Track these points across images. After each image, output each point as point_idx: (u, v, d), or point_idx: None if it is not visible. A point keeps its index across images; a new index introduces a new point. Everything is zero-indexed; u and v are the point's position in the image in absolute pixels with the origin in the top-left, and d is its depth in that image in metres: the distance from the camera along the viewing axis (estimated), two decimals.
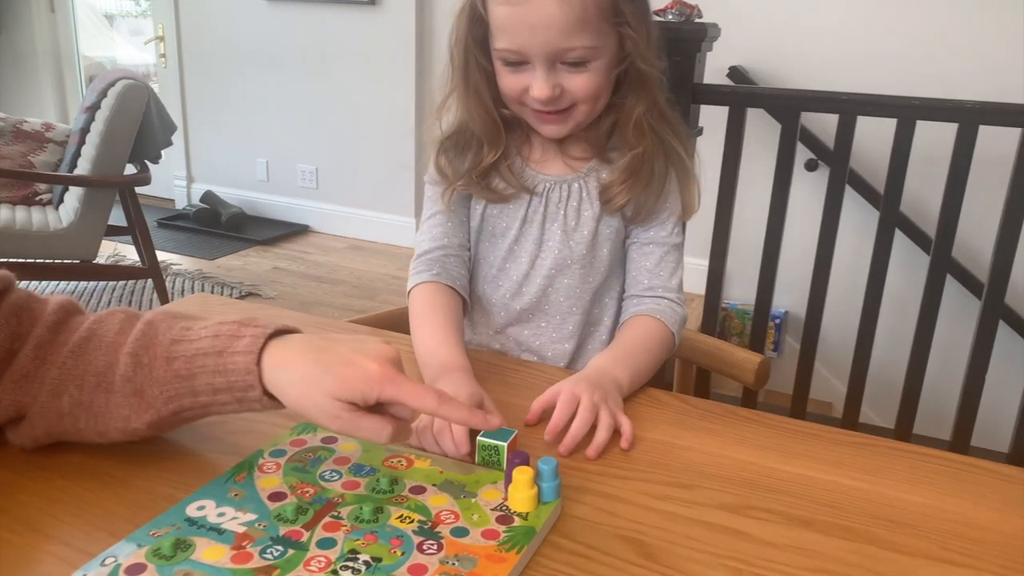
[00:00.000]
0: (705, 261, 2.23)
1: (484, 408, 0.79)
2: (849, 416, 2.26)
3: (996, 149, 2.15)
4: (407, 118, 3.97)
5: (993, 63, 2.87)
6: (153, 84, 3.17)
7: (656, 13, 1.66)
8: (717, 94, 2.22)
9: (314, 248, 4.15)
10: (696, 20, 2.12)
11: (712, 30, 2.10)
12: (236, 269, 3.79)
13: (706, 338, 1.16)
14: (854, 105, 2.10)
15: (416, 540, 0.60)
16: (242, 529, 0.61)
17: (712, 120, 2.18)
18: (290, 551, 0.58)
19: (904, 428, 2.22)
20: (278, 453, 0.72)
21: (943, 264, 2.12)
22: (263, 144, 4.43)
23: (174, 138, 3.25)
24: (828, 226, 2.17)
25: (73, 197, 2.93)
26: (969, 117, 1.99)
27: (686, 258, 1.09)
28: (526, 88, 0.95)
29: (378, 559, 0.58)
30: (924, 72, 2.90)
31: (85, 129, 2.94)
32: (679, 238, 1.05)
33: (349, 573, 0.56)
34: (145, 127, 3.00)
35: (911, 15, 3.01)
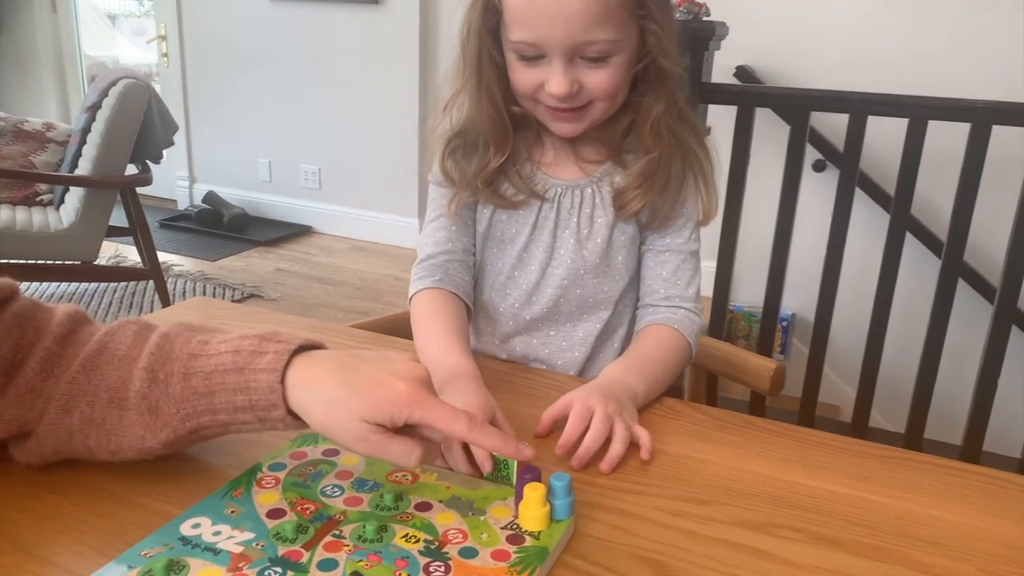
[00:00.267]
0: (712, 263, 2.20)
1: (496, 421, 0.75)
2: (859, 420, 2.23)
3: (1008, 150, 2.11)
4: (411, 118, 3.94)
5: (1005, 64, 2.83)
6: (155, 84, 3.14)
7: None
8: (725, 93, 2.19)
9: (317, 249, 4.12)
10: (704, 18, 2.08)
11: (720, 28, 2.07)
12: (238, 270, 3.76)
13: (720, 344, 1.12)
14: (865, 105, 2.07)
15: (422, 561, 0.57)
16: (239, 549, 0.58)
17: (718, 120, 2.15)
18: (289, 573, 0.55)
19: (915, 433, 2.18)
20: (277, 467, 0.68)
21: (955, 268, 2.08)
22: (265, 144, 4.40)
23: (176, 138, 3.22)
24: (838, 227, 2.14)
25: (74, 197, 2.90)
26: (982, 117, 1.95)
27: None
28: (541, 84, 0.90)
29: None
30: (934, 75, 2.86)
31: (86, 129, 2.91)
32: (696, 244, 1.01)
33: None
34: (146, 127, 2.98)
35: (920, 16, 2.98)
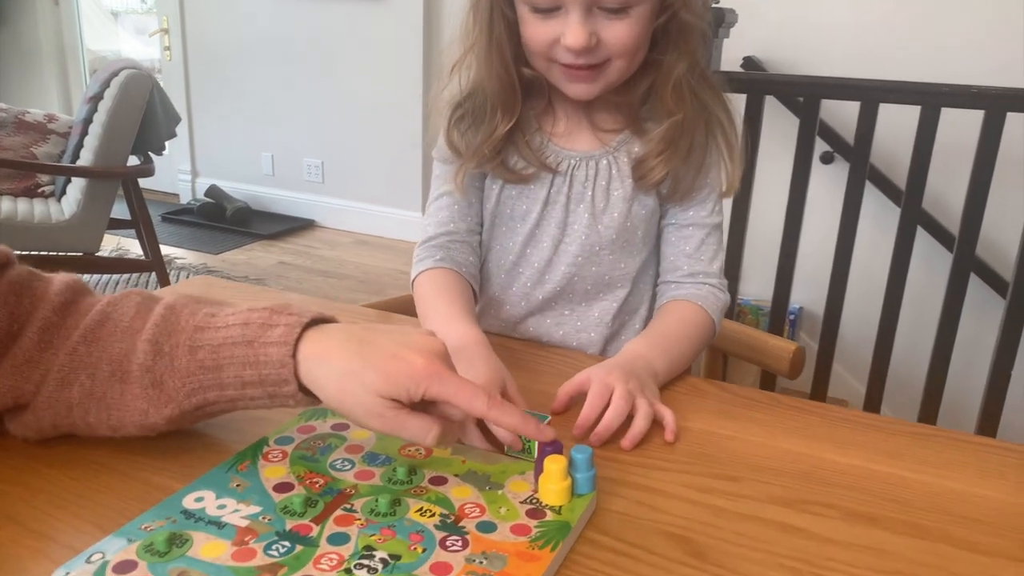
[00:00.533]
0: None
1: (508, 393, 0.72)
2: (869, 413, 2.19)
3: (1019, 143, 2.08)
4: (414, 112, 3.90)
5: (1016, 55, 2.79)
6: (158, 78, 3.11)
7: None
8: (734, 81, 2.14)
9: (320, 243, 4.09)
10: (713, 5, 2.05)
11: (729, 15, 2.04)
12: (241, 263, 3.73)
13: (737, 325, 1.09)
14: (876, 92, 2.03)
15: (438, 536, 0.54)
16: (244, 523, 0.54)
17: None
18: (298, 547, 0.52)
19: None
20: (284, 440, 0.65)
21: (967, 261, 2.05)
22: (268, 138, 4.37)
23: (178, 132, 3.19)
24: (848, 219, 2.10)
25: (76, 189, 2.87)
26: (996, 104, 1.92)
27: None
28: (556, 39, 0.85)
29: (397, 556, 0.51)
30: (942, 67, 2.82)
31: (88, 120, 2.88)
32: (719, 217, 0.97)
33: (364, 572, 0.50)
34: (149, 118, 2.95)
35: (929, 6, 2.94)
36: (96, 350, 0.63)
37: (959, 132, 2.00)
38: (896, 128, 2.20)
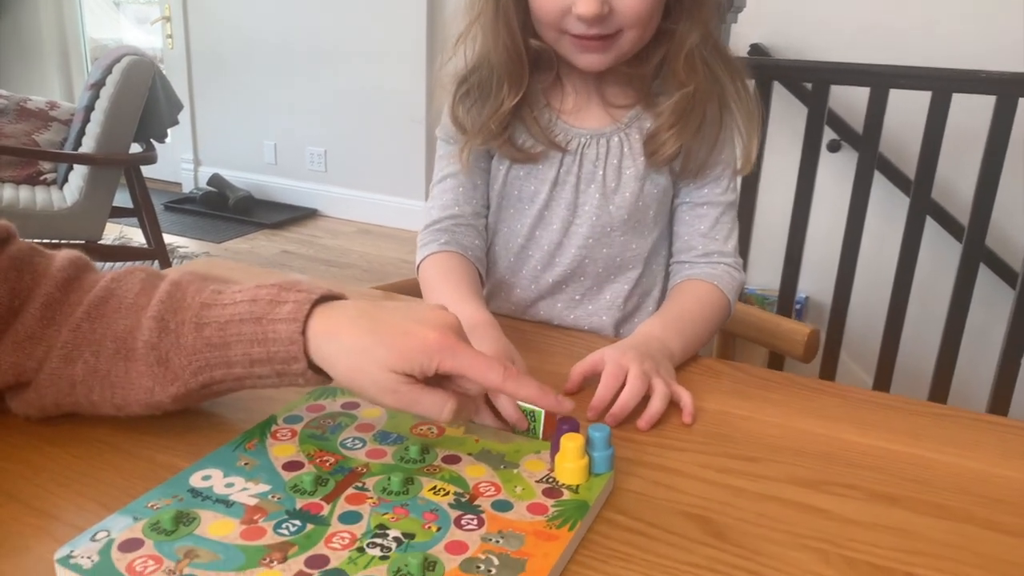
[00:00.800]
0: None
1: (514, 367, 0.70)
2: None
3: None
4: (418, 99, 3.88)
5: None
6: (160, 67, 3.09)
7: None
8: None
9: (323, 232, 4.07)
10: None
11: (738, 0, 2.01)
12: (244, 253, 3.72)
13: (750, 308, 1.07)
14: (887, 78, 2.01)
15: (453, 514, 0.52)
16: (253, 501, 0.53)
17: None
18: (309, 526, 0.51)
19: None
20: (293, 419, 0.64)
21: (976, 252, 2.03)
22: (271, 126, 4.35)
23: (180, 120, 3.17)
24: (856, 206, 2.08)
25: (78, 176, 2.85)
26: (1008, 89, 1.90)
27: None
28: (567, 8, 0.82)
29: (410, 535, 0.50)
30: (955, 54, 2.80)
31: (89, 107, 2.86)
32: (734, 195, 0.95)
33: (378, 551, 0.48)
34: (151, 105, 2.93)
35: None
36: (100, 327, 0.61)
37: (969, 119, 1.98)
38: (904, 116, 2.17)
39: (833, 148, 3.10)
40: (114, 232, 3.71)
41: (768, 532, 0.55)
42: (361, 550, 0.48)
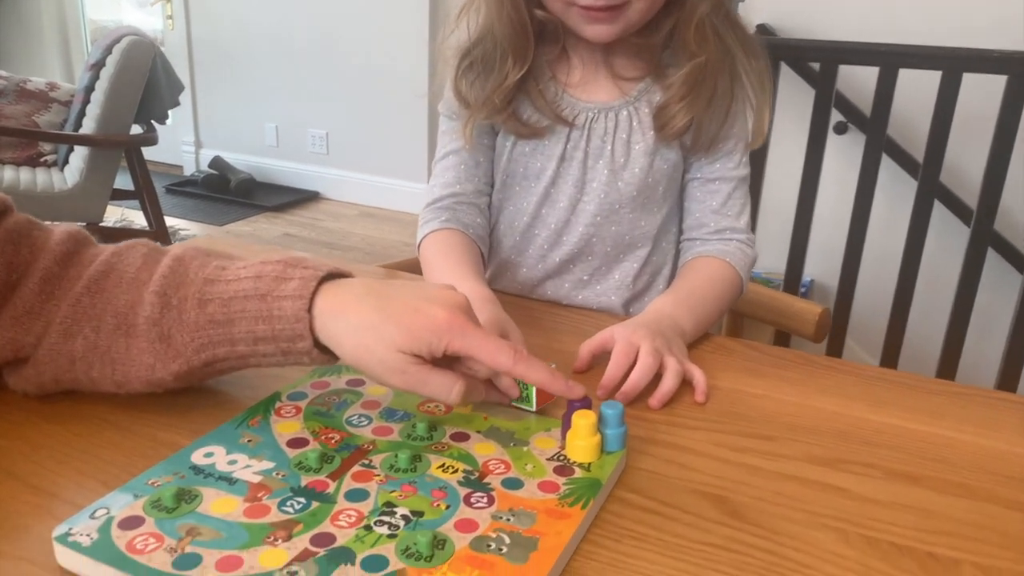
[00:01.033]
0: None
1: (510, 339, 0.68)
2: None
3: None
4: (420, 76, 3.84)
5: None
6: (160, 48, 3.07)
7: None
8: None
9: (325, 215, 4.05)
10: None
11: None
12: (245, 235, 3.70)
13: (760, 287, 1.06)
14: (897, 57, 1.98)
15: (462, 492, 0.51)
16: (257, 479, 0.52)
17: None
18: (314, 504, 0.49)
19: None
20: (297, 396, 0.62)
21: (984, 236, 2.00)
22: (272, 108, 4.32)
23: (182, 102, 3.15)
24: (864, 190, 2.06)
25: (78, 157, 2.83)
26: (1020, 69, 1.87)
27: None
28: None
29: (419, 513, 0.49)
30: (964, 34, 2.76)
31: (90, 88, 2.84)
32: (746, 170, 0.92)
33: (385, 529, 0.47)
34: (152, 85, 2.90)
35: None
36: (100, 302, 0.60)
37: (977, 101, 1.95)
38: (912, 97, 2.14)
39: (840, 130, 3.07)
40: (115, 215, 3.69)
41: (786, 511, 0.53)
42: (368, 528, 0.47)
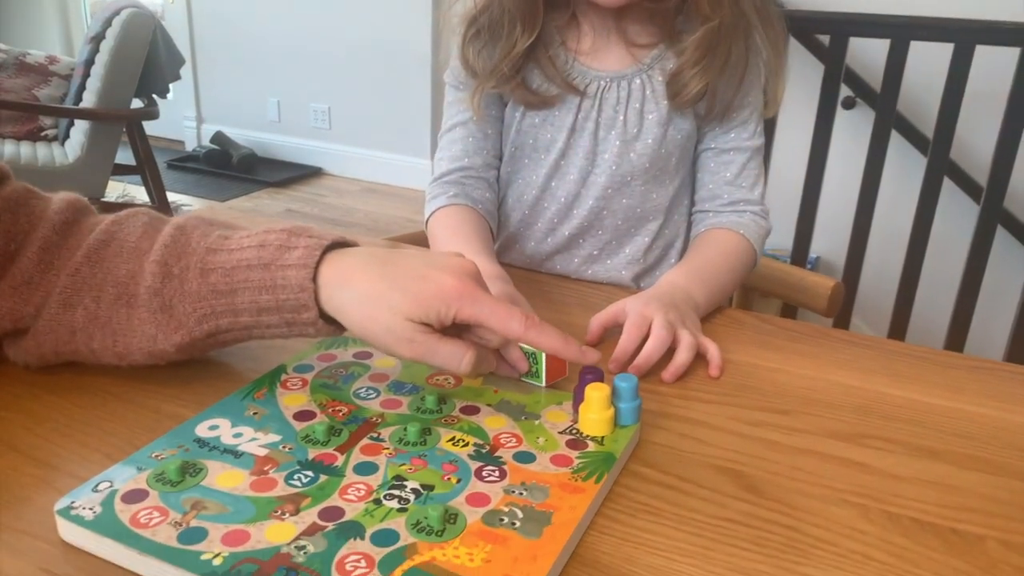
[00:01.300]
0: None
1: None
2: None
3: None
4: (423, 55, 3.80)
5: None
6: (160, 21, 3.04)
7: None
8: None
9: (327, 190, 4.02)
10: None
11: None
12: (248, 211, 3.68)
13: (772, 262, 1.04)
14: (908, 29, 1.95)
15: (473, 466, 0.50)
16: (263, 452, 0.50)
17: None
18: (322, 477, 0.48)
19: None
20: (304, 368, 0.61)
21: (994, 213, 1.98)
22: (274, 83, 4.28)
23: (183, 77, 3.11)
24: (872, 165, 2.03)
25: (79, 132, 2.81)
26: None
27: None
28: None
29: (429, 487, 0.47)
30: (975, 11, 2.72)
31: (90, 61, 2.81)
32: (761, 139, 0.90)
33: (395, 503, 0.46)
34: (152, 59, 2.87)
35: None
36: (100, 271, 0.58)
37: (988, 76, 1.92)
38: (921, 71, 2.11)
39: (848, 105, 3.03)
40: (117, 190, 3.67)
41: (805, 486, 0.52)
42: (378, 502, 0.46)
